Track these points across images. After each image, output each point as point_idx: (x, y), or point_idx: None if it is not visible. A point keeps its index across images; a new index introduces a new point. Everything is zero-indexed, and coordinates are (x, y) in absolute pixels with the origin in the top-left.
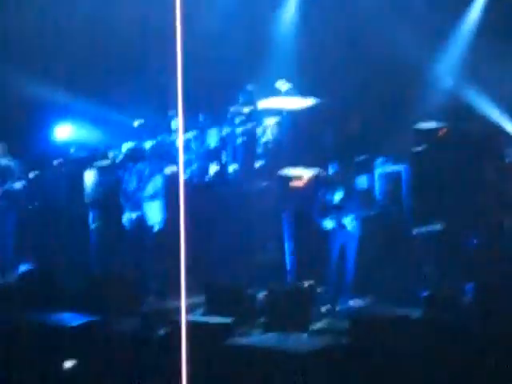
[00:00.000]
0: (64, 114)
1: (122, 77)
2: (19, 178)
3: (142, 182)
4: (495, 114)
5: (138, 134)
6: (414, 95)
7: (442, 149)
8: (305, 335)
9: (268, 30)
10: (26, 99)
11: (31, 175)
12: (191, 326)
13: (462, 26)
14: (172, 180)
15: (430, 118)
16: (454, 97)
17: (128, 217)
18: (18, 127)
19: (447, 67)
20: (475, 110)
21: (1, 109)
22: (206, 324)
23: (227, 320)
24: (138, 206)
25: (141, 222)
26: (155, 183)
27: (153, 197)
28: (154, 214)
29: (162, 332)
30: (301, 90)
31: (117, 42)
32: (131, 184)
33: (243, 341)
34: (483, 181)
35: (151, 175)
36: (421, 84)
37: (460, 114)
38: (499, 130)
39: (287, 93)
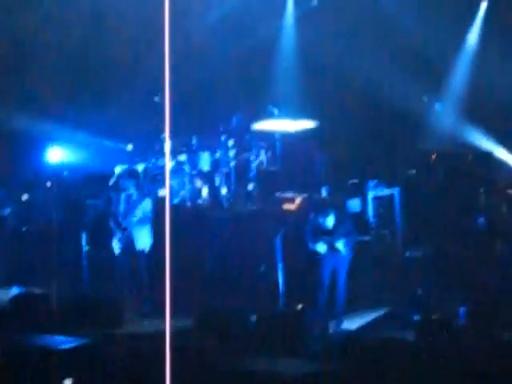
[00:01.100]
0: (56, 136)
1: (114, 98)
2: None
3: (131, 205)
4: (485, 140)
5: (131, 157)
6: (407, 120)
7: (433, 172)
8: (296, 359)
9: (262, 53)
10: (17, 121)
11: (23, 198)
12: (179, 349)
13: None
14: (164, 203)
15: (422, 141)
16: (445, 124)
17: (117, 240)
18: (10, 150)
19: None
20: (466, 136)
21: None
22: (195, 348)
23: (218, 343)
24: (127, 229)
25: (130, 245)
26: (144, 207)
27: (142, 220)
28: (143, 237)
29: (148, 355)
30: (293, 114)
31: (108, 64)
32: (120, 207)
33: (233, 364)
34: (474, 204)
35: (140, 199)
36: (414, 110)
37: (451, 139)
38: (490, 155)
39: (280, 116)
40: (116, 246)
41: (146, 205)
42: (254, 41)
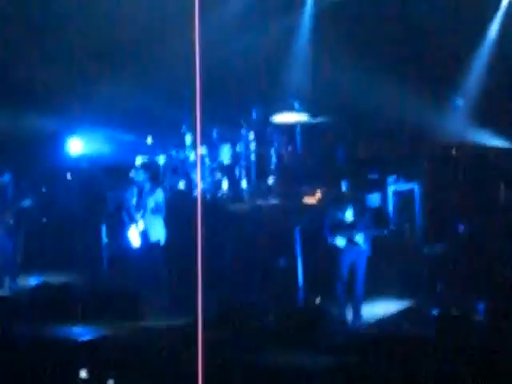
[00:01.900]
0: (77, 128)
1: (137, 91)
2: (28, 196)
3: (144, 197)
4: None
5: (152, 149)
6: (428, 114)
7: (454, 167)
8: (315, 353)
9: (283, 47)
10: (37, 114)
11: (44, 190)
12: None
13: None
14: (184, 195)
15: (442, 136)
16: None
17: (132, 233)
18: (31, 142)
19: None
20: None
21: (13, 123)
22: (219, 340)
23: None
24: (140, 221)
25: (144, 237)
26: (157, 198)
27: (155, 212)
28: (157, 229)
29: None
30: (314, 108)
31: (130, 56)
32: (134, 200)
33: (253, 358)
34: (495, 199)
35: (154, 190)
36: (435, 104)
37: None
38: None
39: (301, 110)
40: (131, 238)
41: (159, 196)
42: (275, 34)
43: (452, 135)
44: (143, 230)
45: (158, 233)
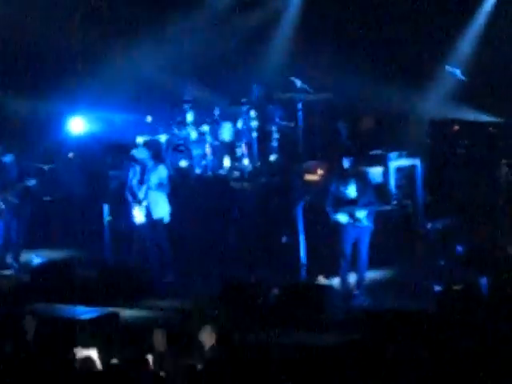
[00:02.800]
0: (78, 107)
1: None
2: (31, 176)
3: (147, 175)
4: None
5: (153, 128)
6: (429, 87)
7: (456, 142)
8: (318, 331)
9: (283, 23)
10: (39, 93)
11: (45, 168)
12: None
13: None
14: (186, 173)
15: (444, 112)
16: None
17: (135, 211)
18: (32, 121)
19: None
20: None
21: (13, 103)
22: (220, 317)
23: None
24: (143, 198)
25: (147, 215)
26: (159, 175)
27: (158, 188)
28: (160, 206)
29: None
30: (315, 85)
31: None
32: (136, 178)
33: (255, 337)
34: (497, 175)
35: (155, 167)
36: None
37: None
38: None
39: (302, 87)
40: (134, 216)
41: (162, 172)
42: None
43: (451, 110)
44: (146, 207)
45: (162, 210)
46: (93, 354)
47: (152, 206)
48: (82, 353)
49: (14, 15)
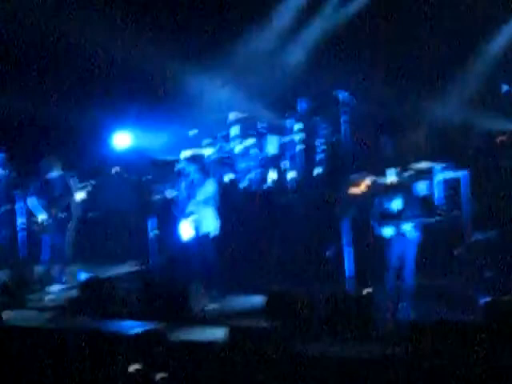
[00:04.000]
0: (123, 121)
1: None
2: (77, 190)
3: (194, 189)
4: None
5: (197, 142)
6: (476, 102)
7: (502, 153)
8: (364, 343)
9: (327, 37)
10: (84, 108)
11: (91, 183)
12: (251, 330)
13: None
14: (230, 187)
15: (490, 124)
16: None
17: (182, 225)
18: (78, 136)
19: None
20: None
21: (59, 119)
22: (266, 330)
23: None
24: (191, 213)
25: (195, 229)
26: (207, 189)
27: (205, 203)
28: (208, 220)
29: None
30: (360, 98)
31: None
32: (184, 192)
33: (302, 348)
34: None
35: (203, 181)
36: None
37: None
38: None
39: (347, 100)
40: (181, 231)
41: (209, 187)
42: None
43: (499, 123)
44: (194, 222)
45: (209, 224)
46: (138, 369)
47: (199, 220)
48: (127, 368)
49: (67, 29)
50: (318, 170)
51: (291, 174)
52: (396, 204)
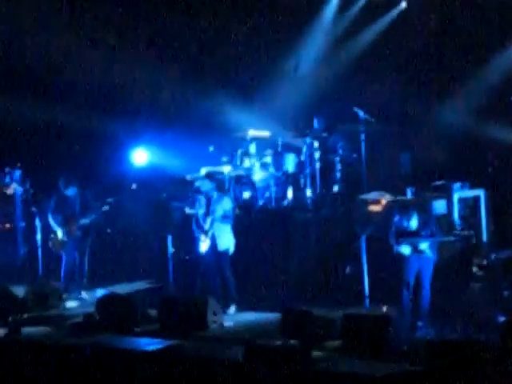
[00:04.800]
0: (141, 139)
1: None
2: (94, 209)
3: (212, 207)
4: None
5: (216, 159)
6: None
7: None
8: (381, 361)
9: (345, 54)
10: (103, 125)
11: (109, 201)
12: (267, 348)
13: None
14: (248, 204)
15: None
16: None
17: (200, 242)
18: (96, 153)
19: None
20: None
21: (78, 136)
22: (282, 347)
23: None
24: (209, 229)
25: (213, 247)
26: (224, 206)
27: (223, 220)
28: (225, 238)
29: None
30: (378, 115)
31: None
32: (201, 210)
33: (318, 366)
34: None
35: (220, 199)
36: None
37: None
38: None
39: (365, 117)
40: (200, 248)
41: (227, 204)
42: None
43: None
44: (212, 239)
45: (227, 241)
46: None
47: (217, 237)
48: None
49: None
50: (336, 188)
51: (309, 192)
52: (413, 222)
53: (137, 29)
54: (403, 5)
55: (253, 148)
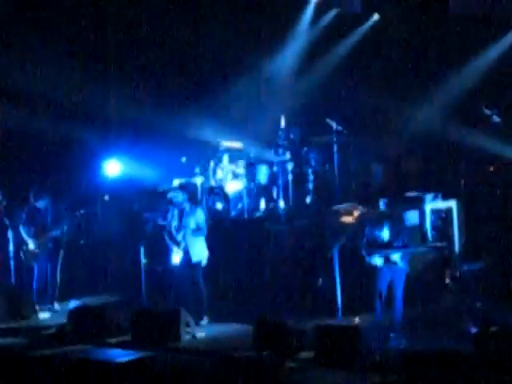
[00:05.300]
0: (114, 150)
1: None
2: (65, 220)
3: (184, 218)
4: None
5: (189, 170)
6: (464, 132)
7: (492, 184)
8: (353, 372)
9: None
10: (74, 136)
11: (81, 212)
12: (240, 360)
13: None
14: (221, 215)
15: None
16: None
17: (173, 254)
18: (68, 164)
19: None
20: None
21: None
22: (255, 358)
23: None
24: (181, 241)
25: (186, 258)
26: (197, 219)
27: (195, 233)
28: (198, 250)
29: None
30: (351, 127)
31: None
32: (174, 221)
33: (290, 377)
34: None
35: (193, 211)
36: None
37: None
38: None
39: (337, 129)
40: (173, 259)
41: (200, 215)
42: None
43: (489, 151)
44: (185, 251)
45: (200, 253)
46: None
47: (190, 249)
48: None
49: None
50: (308, 199)
51: (282, 203)
52: (385, 233)
53: (108, 43)
54: (375, 17)
55: (225, 159)
